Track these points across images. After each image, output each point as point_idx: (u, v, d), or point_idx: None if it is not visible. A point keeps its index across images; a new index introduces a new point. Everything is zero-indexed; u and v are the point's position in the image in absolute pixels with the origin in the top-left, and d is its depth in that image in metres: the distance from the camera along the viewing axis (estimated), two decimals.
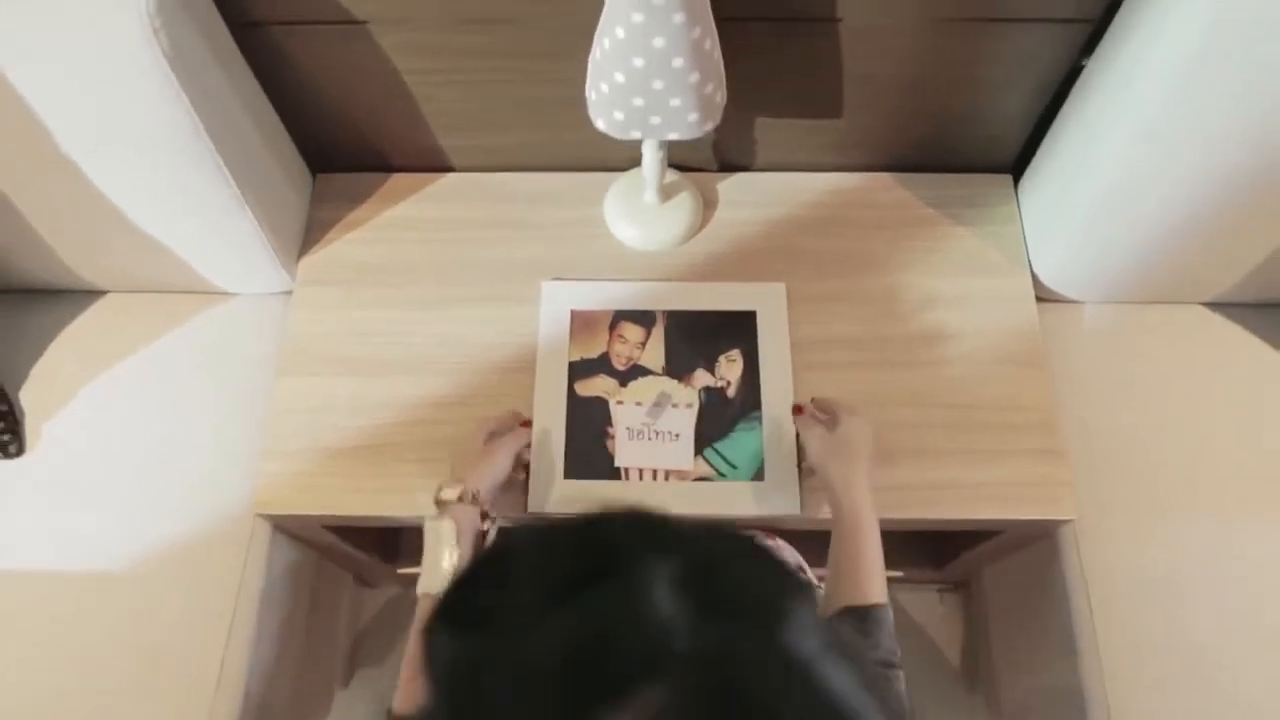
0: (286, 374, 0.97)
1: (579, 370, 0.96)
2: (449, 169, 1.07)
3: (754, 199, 1.05)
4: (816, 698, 0.30)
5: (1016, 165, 1.05)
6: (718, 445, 0.92)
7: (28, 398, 0.98)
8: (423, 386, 0.95)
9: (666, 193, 1.02)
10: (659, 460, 0.91)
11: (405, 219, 1.05)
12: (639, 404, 0.94)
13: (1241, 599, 0.88)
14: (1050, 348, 0.98)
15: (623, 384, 0.95)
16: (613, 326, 0.98)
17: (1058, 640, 0.93)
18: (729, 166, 1.07)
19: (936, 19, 0.85)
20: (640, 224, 1.02)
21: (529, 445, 0.89)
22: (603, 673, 0.28)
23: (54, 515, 0.93)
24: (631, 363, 0.96)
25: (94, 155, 0.85)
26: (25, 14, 0.75)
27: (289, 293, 1.03)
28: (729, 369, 0.95)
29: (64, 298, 1.03)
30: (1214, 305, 1.02)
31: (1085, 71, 0.89)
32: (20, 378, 0.99)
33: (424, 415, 0.94)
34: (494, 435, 0.85)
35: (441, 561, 0.72)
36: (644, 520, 0.32)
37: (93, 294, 1.04)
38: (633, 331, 0.97)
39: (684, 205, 1.03)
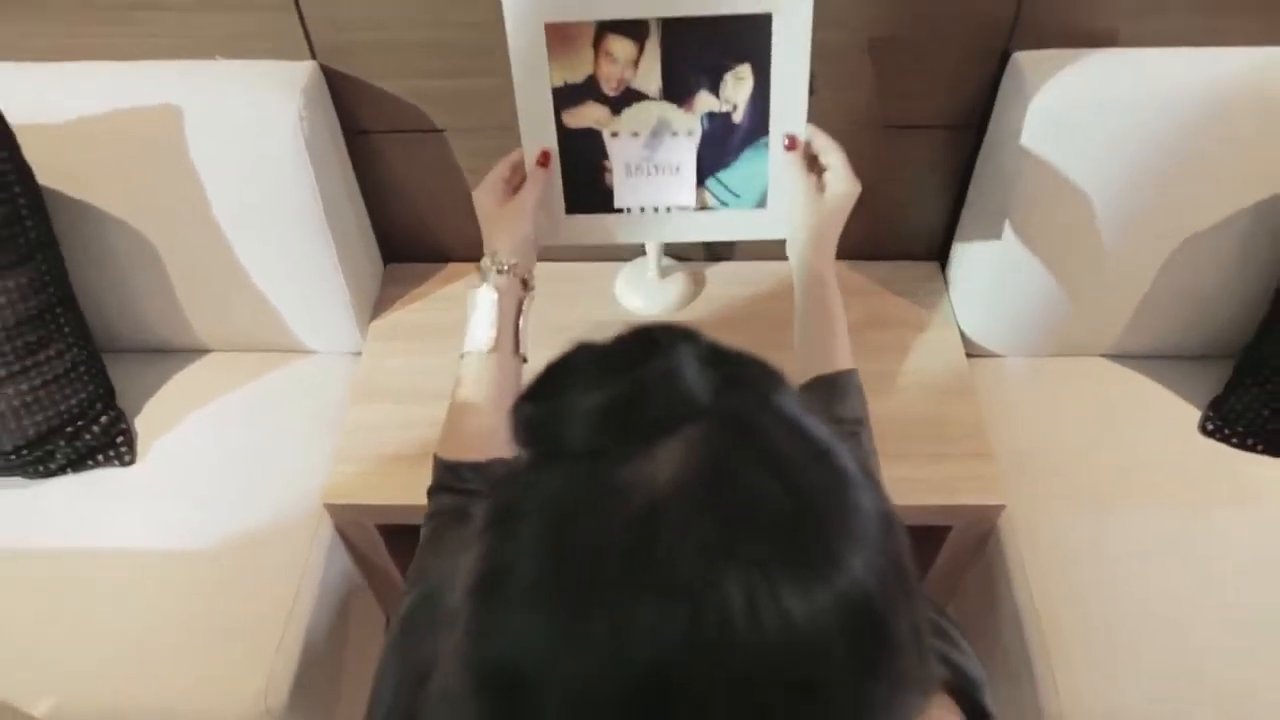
0: (356, 403, 1.19)
1: (564, 97, 0.86)
2: None
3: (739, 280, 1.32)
4: (802, 437, 0.38)
5: (942, 249, 1.33)
6: (720, 175, 0.87)
7: (141, 423, 1.20)
8: None
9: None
10: (659, 197, 0.86)
11: (457, 294, 1.32)
12: (635, 134, 0.86)
13: (1154, 572, 1.04)
14: (978, 385, 1.21)
15: (615, 111, 0.85)
16: (597, 42, 0.84)
17: (1005, 620, 1.08)
18: (713, 258, 1.35)
19: (861, 125, 1.16)
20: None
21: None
22: (650, 417, 0.36)
23: (154, 508, 1.12)
24: (624, 85, 0.84)
25: (235, 223, 1.13)
26: (208, 96, 1.06)
27: (358, 353, 1.28)
28: (736, 89, 0.84)
29: (177, 355, 1.27)
30: (1110, 356, 1.26)
31: (976, 167, 1.20)
32: (136, 409, 1.21)
33: None
34: (508, 189, 0.86)
35: (479, 325, 0.81)
36: (677, 326, 0.41)
37: (201, 352, 1.28)
38: (622, 47, 0.84)
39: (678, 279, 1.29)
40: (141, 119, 1.05)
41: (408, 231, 1.32)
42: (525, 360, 0.86)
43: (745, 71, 0.84)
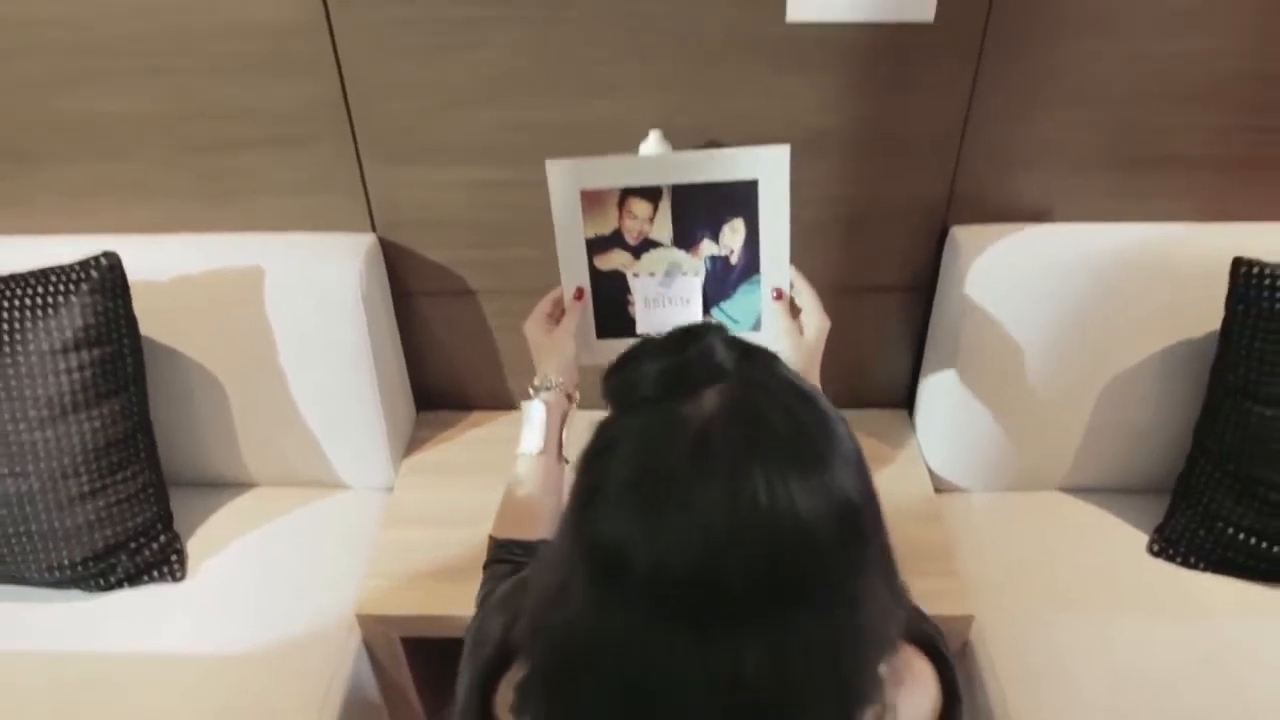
0: (388, 527, 1.33)
1: (595, 246, 1.07)
2: (515, 408, 1.52)
3: None
4: (796, 390, 0.56)
5: (909, 396, 1.50)
6: (722, 304, 1.08)
7: (192, 545, 1.33)
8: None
9: None
10: (672, 323, 0.98)
11: (481, 438, 1.48)
12: (652, 274, 1.07)
13: (1113, 677, 1.14)
14: (945, 514, 1.35)
15: (636, 256, 1.07)
16: (621, 203, 1.05)
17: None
18: None
19: (829, 288, 1.36)
20: None
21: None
22: (695, 376, 0.54)
23: (200, 619, 1.22)
24: (642, 236, 1.06)
25: (296, 369, 1.32)
26: (286, 262, 1.28)
27: (391, 489, 1.42)
28: (732, 237, 1.05)
29: (229, 488, 1.42)
30: (1064, 489, 1.40)
31: (929, 324, 1.40)
32: (189, 533, 1.34)
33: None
34: (550, 321, 1.07)
35: (530, 433, 0.99)
36: (710, 323, 0.64)
37: (249, 485, 1.43)
38: (641, 207, 1.05)
39: None
40: (229, 280, 1.27)
41: (440, 382, 1.50)
42: (567, 462, 1.03)
43: (739, 224, 1.06)
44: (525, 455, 1.01)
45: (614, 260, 1.09)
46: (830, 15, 1.13)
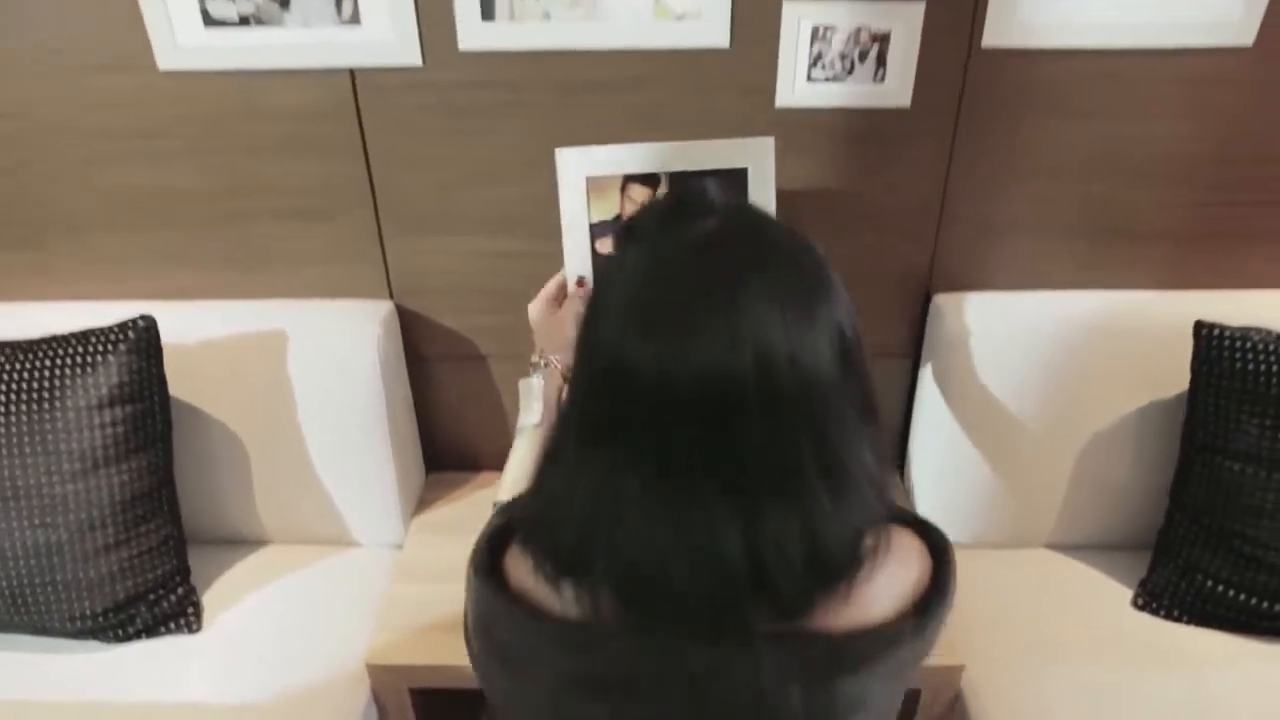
0: (397, 581, 1.38)
1: (597, 230, 1.14)
2: None
3: None
4: (793, 229, 0.66)
5: (901, 454, 1.56)
6: None
7: (207, 599, 1.37)
8: None
9: None
10: None
11: (490, 498, 1.53)
12: None
13: None
14: None
15: None
16: (622, 189, 1.13)
17: None
18: None
19: None
20: None
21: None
22: (695, 208, 0.65)
23: (213, 669, 1.26)
24: None
25: (313, 429, 1.38)
26: (308, 327, 1.36)
27: (400, 546, 1.47)
28: None
29: (244, 545, 1.47)
30: (1051, 546, 1.45)
31: (917, 387, 1.47)
32: (204, 586, 1.39)
33: None
34: (554, 304, 1.12)
35: (529, 407, 1.07)
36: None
37: (263, 542, 1.48)
38: (640, 192, 1.13)
39: None
40: (254, 343, 1.35)
41: (450, 443, 1.57)
42: None
43: None
44: (527, 428, 1.08)
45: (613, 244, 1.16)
46: (814, 102, 1.24)
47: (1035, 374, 1.32)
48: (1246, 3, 1.16)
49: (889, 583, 0.71)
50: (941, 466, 1.42)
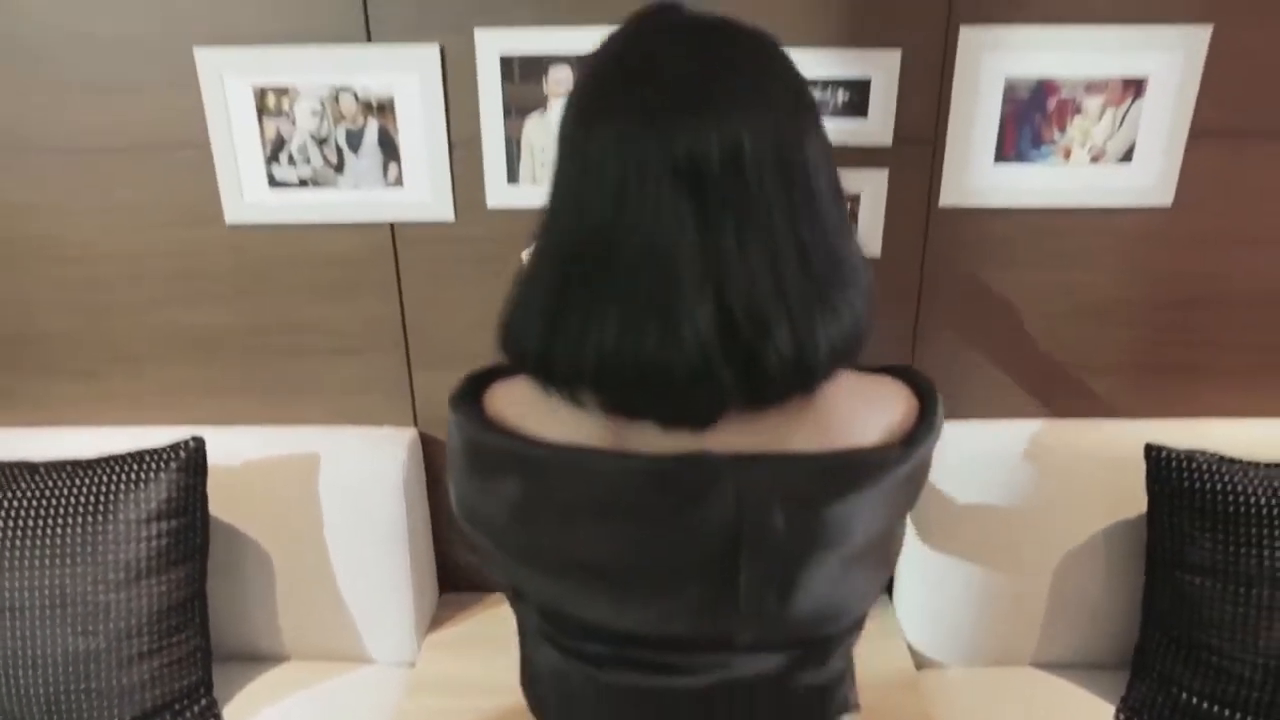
0: (412, 693, 1.44)
1: None
2: None
3: None
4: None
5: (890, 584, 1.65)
6: None
7: (228, 711, 1.43)
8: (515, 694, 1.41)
9: None
10: None
11: (500, 617, 1.61)
12: None
13: None
14: (924, 685, 1.46)
15: None
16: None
17: None
18: None
19: None
20: None
21: None
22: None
23: None
24: None
25: (338, 548, 1.49)
26: (338, 451, 1.48)
27: (413, 664, 1.54)
28: None
29: (264, 661, 1.54)
30: (1036, 665, 1.52)
31: None
32: (225, 699, 1.45)
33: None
34: None
35: None
36: None
37: (283, 659, 1.55)
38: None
39: None
40: (288, 466, 1.47)
41: (464, 564, 1.66)
42: None
43: None
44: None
45: None
46: None
47: (1008, 499, 1.44)
48: (1161, 171, 1.36)
49: (876, 418, 0.74)
50: (926, 587, 1.51)
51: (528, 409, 0.76)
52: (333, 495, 1.47)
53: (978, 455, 1.45)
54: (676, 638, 0.76)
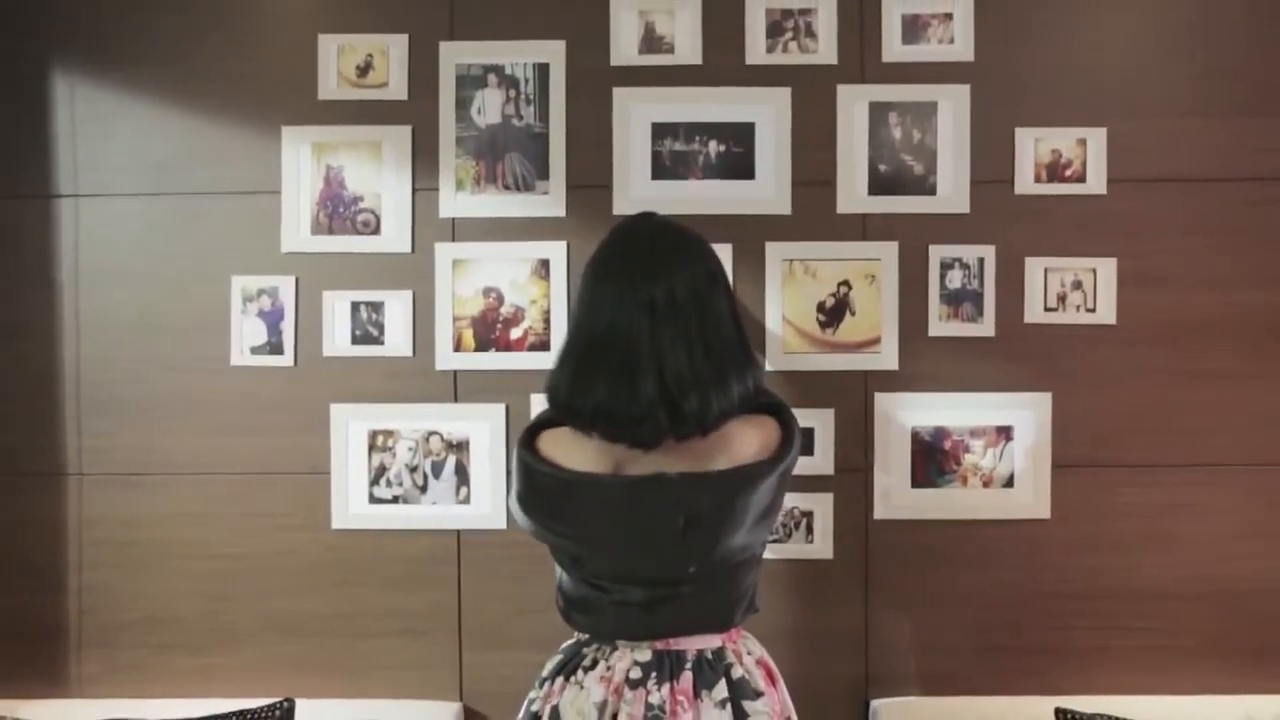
0: None
1: None
2: None
3: None
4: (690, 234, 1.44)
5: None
6: None
7: None
8: None
9: None
10: None
11: None
12: None
13: None
14: None
15: None
16: None
17: None
18: None
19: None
20: None
21: None
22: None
23: None
24: None
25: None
26: (398, 714, 1.77)
27: None
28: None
29: None
30: None
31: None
32: None
33: None
34: None
35: None
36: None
37: None
38: None
39: None
40: None
41: None
42: None
43: None
44: None
45: None
46: (770, 554, 1.83)
47: None
48: (1035, 492, 1.82)
49: (761, 442, 1.36)
50: None
51: (563, 447, 1.36)
52: None
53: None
54: (651, 576, 1.34)
